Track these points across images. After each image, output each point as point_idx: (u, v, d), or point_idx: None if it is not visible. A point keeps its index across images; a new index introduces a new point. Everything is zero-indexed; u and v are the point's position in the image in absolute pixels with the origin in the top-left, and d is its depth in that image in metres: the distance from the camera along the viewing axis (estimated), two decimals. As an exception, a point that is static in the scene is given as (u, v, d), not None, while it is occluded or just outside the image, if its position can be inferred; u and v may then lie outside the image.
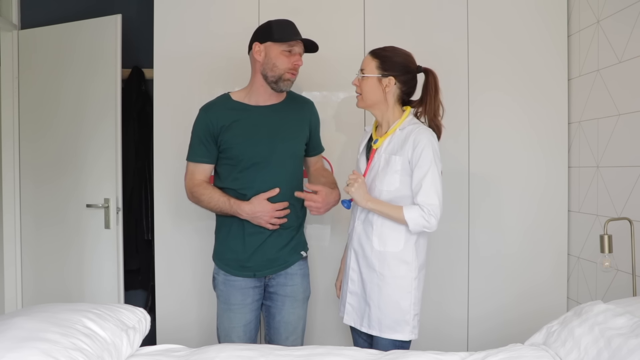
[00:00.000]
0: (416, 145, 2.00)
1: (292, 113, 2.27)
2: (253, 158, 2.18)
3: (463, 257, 2.76)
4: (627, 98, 2.29)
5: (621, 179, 2.32)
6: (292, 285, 2.26)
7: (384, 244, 2.05)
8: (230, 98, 2.26)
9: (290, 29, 2.19)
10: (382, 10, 2.76)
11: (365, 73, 2.08)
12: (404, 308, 2.04)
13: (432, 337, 2.67)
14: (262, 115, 2.21)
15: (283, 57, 2.15)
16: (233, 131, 2.18)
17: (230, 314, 2.23)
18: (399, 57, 2.08)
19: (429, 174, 1.98)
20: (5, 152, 3.23)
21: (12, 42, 3.21)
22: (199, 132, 2.22)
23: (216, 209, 2.20)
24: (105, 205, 2.96)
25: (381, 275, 2.05)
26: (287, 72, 2.16)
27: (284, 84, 2.18)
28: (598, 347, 1.53)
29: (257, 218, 2.15)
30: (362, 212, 2.11)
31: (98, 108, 2.99)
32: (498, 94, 2.74)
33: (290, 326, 2.27)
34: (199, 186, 2.22)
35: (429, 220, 1.97)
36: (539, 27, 2.73)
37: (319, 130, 2.41)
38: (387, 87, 2.06)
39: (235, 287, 2.23)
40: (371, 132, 2.20)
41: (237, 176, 2.20)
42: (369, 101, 2.10)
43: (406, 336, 2.04)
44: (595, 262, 2.48)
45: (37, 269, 3.18)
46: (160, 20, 2.76)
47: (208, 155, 2.22)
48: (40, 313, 1.60)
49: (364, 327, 2.10)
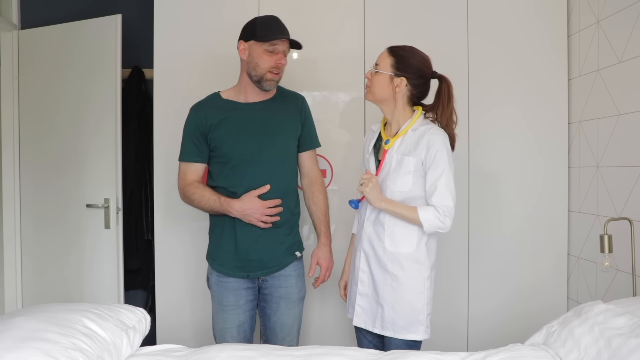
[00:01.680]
0: (430, 147, 1.99)
1: (282, 109, 2.25)
2: (242, 155, 2.17)
3: (463, 256, 2.76)
4: (627, 98, 2.29)
5: (621, 179, 2.32)
6: (286, 286, 2.24)
7: (396, 245, 2.05)
8: (220, 97, 2.26)
9: (275, 26, 2.15)
10: (382, 10, 2.76)
11: (379, 69, 2.07)
12: (418, 308, 2.04)
13: (432, 336, 2.66)
14: (251, 112, 2.21)
15: (265, 57, 2.13)
16: (222, 129, 2.18)
17: (224, 314, 2.23)
18: (416, 59, 2.06)
19: (443, 175, 1.98)
20: (6, 152, 3.23)
21: (12, 42, 3.22)
22: (189, 131, 2.23)
23: (207, 208, 2.20)
24: (105, 205, 2.96)
25: (394, 276, 2.04)
26: (268, 71, 2.14)
27: (267, 83, 2.17)
28: (598, 347, 1.53)
29: (248, 216, 2.13)
30: (372, 213, 2.10)
31: (98, 108, 2.99)
32: (498, 94, 2.74)
33: (286, 327, 2.26)
34: (191, 185, 2.21)
35: (444, 222, 1.98)
36: (538, 27, 2.73)
37: (313, 125, 2.36)
38: (398, 87, 2.05)
39: (228, 288, 2.22)
40: (379, 131, 2.19)
41: (228, 174, 2.19)
42: (377, 96, 2.09)
43: (420, 336, 2.04)
44: (595, 262, 2.48)
45: (37, 269, 3.18)
46: (160, 20, 2.76)
47: (199, 154, 2.22)
48: (40, 313, 1.60)
49: (376, 328, 2.08)
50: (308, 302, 2.75)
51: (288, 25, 2.17)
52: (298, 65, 2.78)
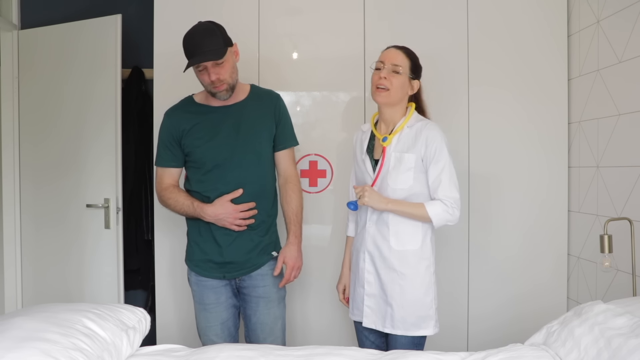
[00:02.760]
0: (430, 143, 2.01)
1: (255, 109, 2.24)
2: (214, 160, 2.17)
3: (463, 256, 2.76)
4: (627, 98, 2.29)
5: (621, 179, 2.32)
6: (263, 286, 2.24)
7: (402, 243, 2.05)
8: (193, 100, 2.26)
9: (189, 49, 2.08)
10: (382, 9, 2.75)
11: (401, 71, 2.05)
12: (427, 303, 2.06)
13: (432, 336, 2.67)
14: (222, 115, 2.20)
15: (200, 76, 2.13)
16: (194, 135, 2.19)
17: (206, 313, 2.24)
18: (419, 61, 2.11)
19: (446, 168, 2.00)
20: (6, 153, 3.23)
21: (12, 42, 3.21)
22: (163, 137, 2.25)
23: (182, 212, 2.22)
24: (106, 205, 2.95)
25: (402, 274, 2.04)
26: (210, 87, 2.14)
27: (218, 95, 2.15)
28: (598, 347, 1.53)
29: (221, 220, 2.14)
30: (374, 213, 2.10)
31: (98, 108, 2.99)
32: (498, 93, 2.74)
33: (266, 327, 2.25)
34: (167, 190, 2.23)
35: (452, 214, 2.00)
36: (539, 27, 2.73)
37: (289, 124, 2.31)
38: (412, 90, 2.09)
39: (207, 287, 2.24)
40: (370, 131, 2.19)
41: (201, 179, 2.20)
42: (396, 99, 2.07)
43: (431, 331, 2.07)
44: (595, 262, 2.48)
45: (37, 269, 3.17)
46: (160, 20, 2.76)
47: (174, 159, 2.23)
48: (40, 313, 1.60)
49: (387, 328, 2.08)
50: (311, 302, 2.75)
51: (288, 25, 2.17)
52: (298, 65, 2.79)
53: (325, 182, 2.77)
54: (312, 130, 2.78)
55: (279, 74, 2.75)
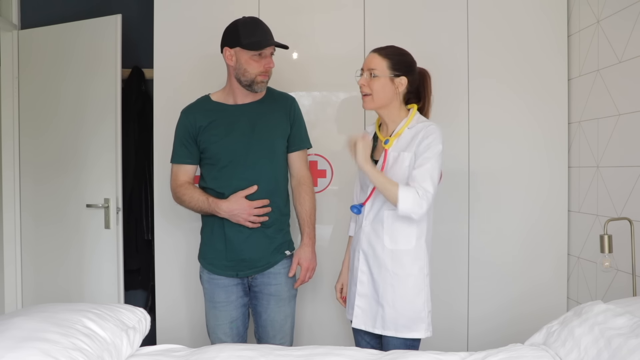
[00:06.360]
0: (424, 138, 2.00)
1: (271, 110, 2.27)
2: (230, 156, 2.20)
3: (463, 256, 2.76)
4: (627, 98, 2.29)
5: (621, 179, 2.32)
6: (276, 284, 2.26)
7: (395, 242, 2.04)
8: (210, 99, 2.30)
9: (259, 32, 2.16)
10: (382, 9, 2.75)
11: (378, 74, 2.04)
12: (419, 306, 2.04)
13: (432, 336, 2.67)
14: (239, 113, 2.23)
15: (253, 63, 2.16)
16: (210, 131, 2.22)
17: (216, 311, 2.26)
18: (407, 57, 2.08)
19: (431, 161, 1.97)
20: (5, 152, 3.23)
21: (12, 42, 3.21)
22: (179, 134, 2.28)
23: (197, 209, 2.24)
24: (105, 205, 2.96)
25: (394, 274, 2.03)
26: (258, 75, 2.17)
27: (257, 86, 2.19)
28: (598, 347, 1.53)
29: (235, 216, 2.16)
30: (370, 212, 2.09)
31: (98, 108, 2.99)
32: (498, 94, 2.74)
33: (277, 324, 2.27)
34: (182, 187, 2.26)
35: (420, 207, 1.93)
36: (539, 27, 2.73)
37: (303, 126, 2.36)
38: (400, 87, 2.05)
39: (219, 285, 2.26)
40: (374, 132, 2.19)
41: (216, 175, 2.23)
42: (381, 102, 2.06)
43: (422, 334, 2.04)
44: (595, 262, 2.48)
45: (37, 269, 3.18)
46: (160, 20, 2.76)
47: (190, 156, 2.26)
48: (40, 313, 1.60)
49: (377, 329, 2.06)
50: (307, 302, 2.76)
51: (288, 25, 2.18)
52: (298, 65, 2.78)
53: (325, 182, 2.77)
54: (312, 130, 2.76)
55: (279, 74, 2.73)
